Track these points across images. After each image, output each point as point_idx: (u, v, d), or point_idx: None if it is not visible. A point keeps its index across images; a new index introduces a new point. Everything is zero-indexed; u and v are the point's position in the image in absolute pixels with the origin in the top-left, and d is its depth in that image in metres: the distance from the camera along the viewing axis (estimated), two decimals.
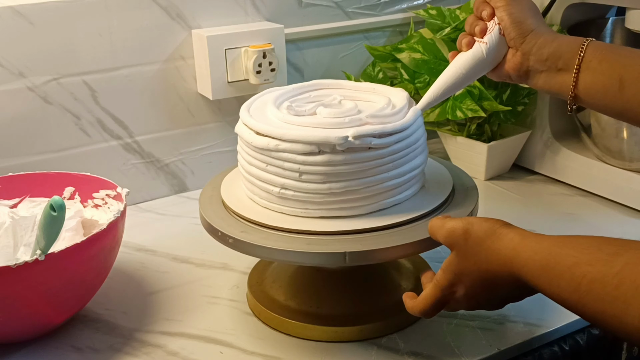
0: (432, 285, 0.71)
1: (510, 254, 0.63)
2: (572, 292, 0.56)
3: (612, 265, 0.53)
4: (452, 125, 1.26)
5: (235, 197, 0.84)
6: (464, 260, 0.67)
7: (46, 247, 0.77)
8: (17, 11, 1.01)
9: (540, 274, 0.60)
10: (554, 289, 0.58)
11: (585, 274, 0.55)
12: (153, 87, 1.15)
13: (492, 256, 0.65)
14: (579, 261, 0.56)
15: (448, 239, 0.69)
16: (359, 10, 1.30)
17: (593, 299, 0.54)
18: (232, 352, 0.81)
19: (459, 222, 0.69)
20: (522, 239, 0.63)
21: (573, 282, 0.56)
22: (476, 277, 0.67)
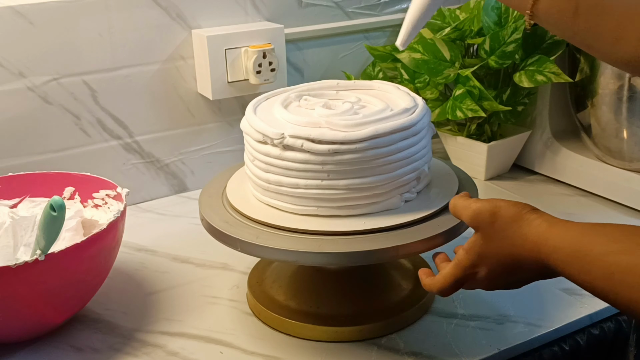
0: (453, 264, 0.71)
1: (538, 240, 0.63)
2: (605, 280, 0.56)
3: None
4: (452, 125, 1.26)
5: (239, 196, 0.85)
6: (489, 242, 0.67)
7: (46, 247, 0.77)
8: (17, 11, 1.01)
9: (570, 261, 0.60)
10: (585, 276, 0.58)
11: (619, 263, 0.55)
12: (153, 87, 1.15)
13: (519, 241, 0.65)
14: (611, 249, 0.56)
15: (474, 220, 0.69)
16: (359, 10, 1.30)
17: (627, 287, 0.54)
18: (232, 352, 0.81)
19: (486, 203, 0.69)
20: (549, 225, 0.63)
21: (605, 270, 0.56)
22: (500, 260, 0.67)
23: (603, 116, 1.13)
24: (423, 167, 0.82)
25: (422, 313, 0.86)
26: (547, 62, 1.13)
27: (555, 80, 1.13)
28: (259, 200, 0.83)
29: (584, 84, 1.14)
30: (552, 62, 1.13)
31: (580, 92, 1.17)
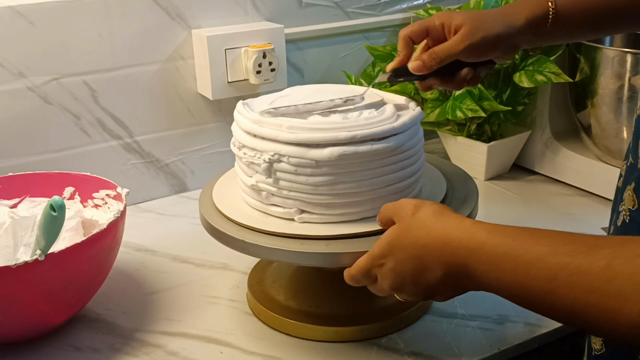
0: (366, 254, 0.68)
1: (461, 234, 0.59)
2: (545, 282, 0.52)
3: (596, 257, 0.49)
4: (452, 125, 1.26)
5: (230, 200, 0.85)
6: (404, 233, 0.64)
7: (46, 247, 0.77)
8: (17, 11, 1.01)
9: (498, 259, 0.55)
10: (515, 278, 0.54)
11: (564, 266, 0.51)
12: (153, 87, 1.15)
13: (436, 231, 0.61)
14: (555, 251, 0.52)
15: (395, 208, 0.67)
16: (359, 10, 1.30)
17: (574, 292, 0.50)
18: (232, 352, 0.81)
19: (413, 199, 0.67)
20: (476, 222, 0.59)
21: (547, 272, 0.52)
22: (409, 253, 0.63)
23: (603, 116, 1.13)
24: (414, 171, 0.80)
25: (422, 313, 0.86)
26: (547, 62, 1.13)
27: (555, 80, 1.13)
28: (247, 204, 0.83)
29: (584, 84, 1.14)
30: (552, 62, 1.13)
31: (580, 92, 1.17)
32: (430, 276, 0.62)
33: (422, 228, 0.63)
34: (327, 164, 0.74)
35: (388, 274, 0.66)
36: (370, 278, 0.69)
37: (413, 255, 0.63)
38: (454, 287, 0.62)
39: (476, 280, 0.58)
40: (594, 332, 0.51)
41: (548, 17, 0.79)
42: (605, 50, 1.09)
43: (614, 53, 1.08)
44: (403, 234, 0.64)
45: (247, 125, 0.78)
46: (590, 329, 0.51)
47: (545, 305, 0.53)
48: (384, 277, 0.66)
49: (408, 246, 0.63)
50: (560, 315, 0.53)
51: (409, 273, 0.63)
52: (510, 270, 0.55)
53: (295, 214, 0.78)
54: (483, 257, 0.57)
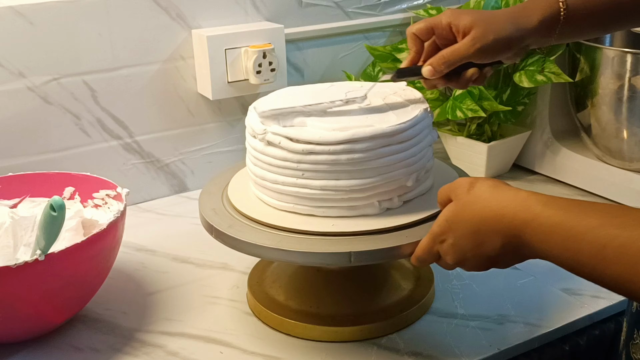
0: (427, 234, 0.70)
1: (517, 205, 0.61)
2: (595, 253, 0.54)
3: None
4: (452, 125, 1.26)
5: (240, 196, 0.85)
6: (462, 209, 0.66)
7: (46, 247, 0.77)
8: (17, 11, 1.01)
9: (551, 230, 0.57)
10: (567, 248, 0.56)
11: (613, 238, 0.52)
12: (153, 87, 1.15)
13: (494, 203, 0.62)
14: (604, 223, 0.54)
15: (451, 187, 0.68)
16: (359, 10, 1.30)
17: (622, 263, 0.52)
18: (232, 352, 0.81)
19: (468, 177, 0.69)
20: (532, 193, 0.61)
21: (595, 243, 0.53)
22: (467, 228, 0.65)
23: (603, 116, 1.13)
24: (407, 177, 0.79)
25: (422, 313, 0.86)
26: (547, 62, 1.13)
27: (555, 80, 1.13)
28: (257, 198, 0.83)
29: (584, 84, 1.14)
30: (552, 62, 1.13)
31: (580, 92, 1.17)
32: (489, 248, 0.64)
33: (478, 203, 0.64)
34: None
35: (449, 249, 0.68)
36: (434, 256, 0.71)
37: (471, 229, 0.65)
38: (513, 255, 0.63)
39: (532, 249, 0.60)
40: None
41: (559, 17, 0.79)
42: (605, 50, 1.09)
43: (614, 53, 1.08)
44: (460, 210, 0.66)
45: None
46: (637, 298, 0.54)
47: (595, 274, 0.55)
48: (446, 253, 0.69)
49: (466, 221, 0.65)
50: (609, 284, 0.54)
51: (469, 247, 0.65)
52: (562, 241, 0.56)
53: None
54: (537, 228, 0.58)
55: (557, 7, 0.79)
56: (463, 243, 0.66)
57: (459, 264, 0.69)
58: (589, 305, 0.88)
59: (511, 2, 1.17)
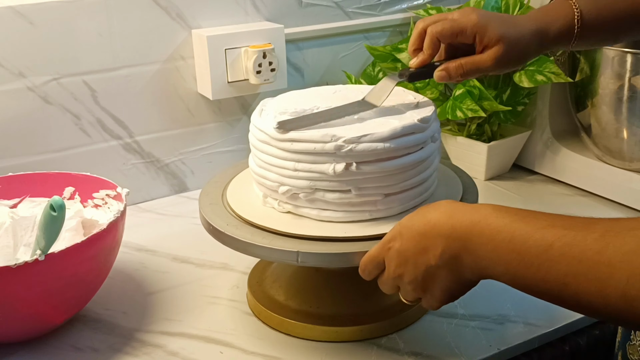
0: (379, 242, 0.69)
1: (467, 209, 0.60)
2: (541, 253, 0.53)
3: (591, 230, 0.51)
4: (452, 125, 1.26)
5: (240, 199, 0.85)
6: (415, 214, 0.65)
7: (46, 247, 0.77)
8: (17, 11, 1.01)
9: (499, 230, 0.57)
10: (513, 249, 0.55)
11: (560, 237, 0.52)
12: (153, 87, 1.15)
13: (447, 209, 0.62)
14: (552, 224, 0.54)
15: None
16: (359, 10, 1.30)
17: (567, 261, 0.51)
18: (232, 352, 0.81)
19: None
20: (485, 204, 0.60)
21: (543, 242, 0.53)
22: (416, 230, 0.64)
23: (603, 116, 1.13)
24: (417, 182, 0.79)
25: (422, 313, 0.86)
26: (547, 62, 1.13)
27: (555, 80, 1.13)
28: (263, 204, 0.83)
29: (584, 84, 1.14)
30: (552, 62, 1.13)
31: (580, 92, 1.17)
32: (431, 254, 0.62)
33: (430, 209, 0.64)
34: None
35: (394, 255, 0.66)
36: (379, 266, 0.69)
37: (418, 232, 0.63)
38: (451, 268, 0.62)
39: (473, 256, 0.59)
40: (585, 308, 0.52)
41: (574, 32, 0.80)
42: (605, 50, 1.09)
43: (614, 53, 1.08)
44: (414, 216, 0.65)
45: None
46: (581, 303, 0.52)
47: (539, 276, 0.54)
48: (390, 260, 0.67)
49: (415, 224, 0.64)
50: (553, 289, 0.53)
51: (412, 252, 0.64)
52: (508, 240, 0.56)
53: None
54: (484, 229, 0.58)
55: (573, 23, 0.80)
56: (408, 247, 0.64)
57: (399, 278, 0.67)
58: None
59: (511, 2, 1.17)
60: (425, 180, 0.81)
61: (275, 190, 0.79)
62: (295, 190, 0.77)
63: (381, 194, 0.77)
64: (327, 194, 0.76)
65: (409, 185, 0.78)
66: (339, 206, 0.77)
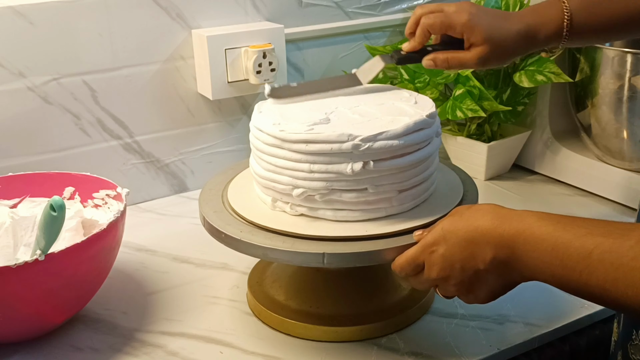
0: (417, 243, 0.71)
1: (512, 216, 0.63)
2: (581, 259, 0.56)
3: (627, 238, 0.54)
4: (452, 125, 1.26)
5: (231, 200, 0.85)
6: (458, 218, 0.67)
7: (46, 247, 0.77)
8: (17, 11, 1.01)
9: (542, 239, 0.59)
10: (556, 256, 0.58)
11: (598, 244, 0.55)
12: (153, 87, 1.15)
13: (491, 215, 0.64)
14: (591, 232, 0.57)
15: (451, 212, 0.70)
16: (359, 10, 1.30)
17: (605, 268, 0.54)
18: (232, 352, 0.81)
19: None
20: (527, 210, 0.63)
21: (583, 250, 0.56)
22: (462, 237, 0.66)
23: (603, 116, 1.13)
24: (416, 180, 0.80)
25: (422, 313, 0.86)
26: (547, 62, 1.13)
27: (555, 80, 1.13)
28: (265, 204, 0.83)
29: (584, 84, 1.14)
30: (552, 62, 1.13)
31: (580, 92, 1.17)
32: (480, 259, 0.64)
33: (475, 214, 0.66)
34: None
35: (438, 259, 0.68)
36: (416, 268, 0.71)
37: (465, 238, 0.65)
38: (500, 273, 0.64)
39: (521, 263, 0.62)
40: (625, 309, 0.56)
41: (563, 34, 0.82)
42: (605, 50, 1.09)
43: (614, 53, 1.08)
44: (457, 220, 0.67)
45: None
46: (620, 305, 0.55)
47: (581, 282, 0.57)
48: (433, 264, 0.68)
49: (461, 230, 0.66)
50: (594, 292, 0.56)
51: (459, 257, 0.66)
52: (551, 248, 0.59)
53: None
54: (529, 237, 0.60)
55: (562, 26, 0.81)
56: (454, 252, 0.66)
57: (443, 279, 0.68)
58: (589, 305, 0.88)
59: (511, 2, 1.17)
60: (432, 175, 0.82)
61: (289, 193, 0.78)
62: (311, 192, 0.77)
63: (396, 190, 0.78)
64: (344, 193, 0.76)
65: (419, 181, 0.80)
66: (355, 205, 0.77)
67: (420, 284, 0.72)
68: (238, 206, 0.83)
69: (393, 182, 0.77)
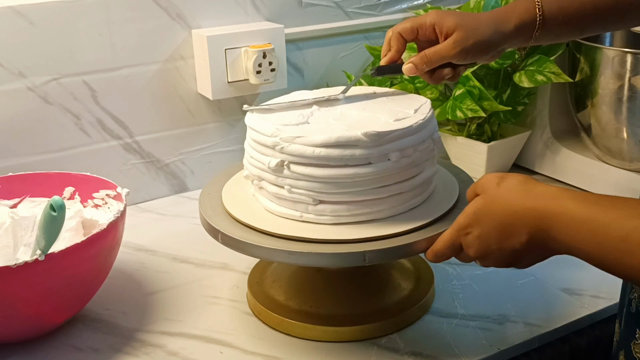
0: (451, 226, 0.71)
1: (547, 197, 0.62)
2: (620, 242, 0.56)
3: None
4: (452, 125, 1.26)
5: (231, 200, 0.85)
6: (491, 202, 0.67)
7: (46, 247, 0.77)
8: (17, 11, 1.01)
9: (579, 222, 0.59)
10: (593, 240, 0.58)
11: (635, 227, 0.56)
12: (153, 87, 1.15)
13: (524, 197, 0.64)
14: (628, 214, 0.57)
15: (479, 182, 0.69)
16: (359, 10, 1.30)
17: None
18: (232, 352, 0.81)
19: (496, 173, 0.70)
20: (561, 188, 0.63)
21: (621, 232, 0.56)
22: (496, 220, 0.66)
23: (603, 116, 1.13)
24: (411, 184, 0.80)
25: (422, 313, 0.86)
26: (547, 62, 1.13)
27: (555, 80, 1.13)
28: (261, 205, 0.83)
29: (584, 84, 1.14)
30: (552, 62, 1.13)
31: (580, 92, 1.17)
32: (516, 241, 0.64)
33: (508, 196, 0.65)
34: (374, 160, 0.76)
35: (474, 242, 0.68)
36: (455, 249, 0.72)
37: (500, 221, 0.65)
38: (538, 251, 0.65)
39: (558, 244, 0.62)
40: None
41: (536, 23, 0.82)
42: (605, 50, 1.09)
43: (614, 53, 1.08)
44: (490, 203, 0.67)
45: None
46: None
47: (619, 264, 0.57)
48: (470, 246, 0.69)
49: (494, 213, 0.66)
50: (633, 273, 0.57)
51: (495, 240, 0.66)
52: (588, 232, 0.59)
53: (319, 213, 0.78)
54: (566, 221, 0.60)
55: (534, 14, 0.81)
56: (490, 235, 0.67)
57: (481, 258, 0.70)
58: (589, 305, 0.88)
59: (511, 1, 1.17)
60: (371, 199, 0.78)
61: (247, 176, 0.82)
62: (251, 176, 0.81)
63: (312, 198, 0.77)
64: (269, 185, 0.79)
65: (349, 198, 0.77)
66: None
67: (462, 260, 0.73)
68: (232, 208, 0.83)
69: (309, 190, 0.77)
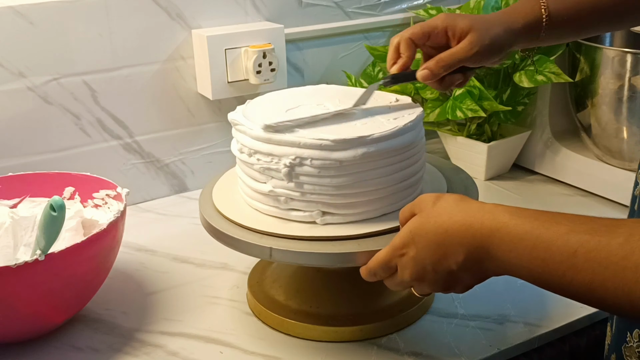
0: (387, 246, 0.68)
1: (483, 214, 0.60)
2: (565, 259, 0.53)
3: (614, 235, 0.51)
4: (452, 125, 1.26)
5: (231, 201, 0.85)
6: (426, 220, 0.64)
7: (46, 247, 0.77)
8: (17, 11, 1.01)
9: (520, 238, 0.56)
10: (536, 256, 0.55)
11: (583, 243, 0.52)
12: (153, 87, 1.15)
13: (460, 215, 0.61)
14: (574, 229, 0.53)
15: (414, 203, 0.67)
16: (359, 10, 1.30)
17: (592, 267, 0.51)
18: (232, 352, 0.81)
19: (431, 193, 0.68)
20: (497, 205, 0.60)
21: (567, 248, 0.53)
22: (431, 239, 0.63)
23: (603, 116, 1.13)
24: (402, 185, 0.80)
25: (422, 313, 0.86)
26: (547, 62, 1.13)
27: (555, 80, 1.13)
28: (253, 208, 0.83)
29: (584, 84, 1.14)
30: (552, 62, 1.13)
31: (580, 92, 1.17)
32: (452, 261, 0.62)
33: (443, 214, 0.63)
34: (350, 164, 0.74)
35: (409, 263, 0.66)
36: (389, 270, 0.69)
37: (435, 241, 0.63)
38: (474, 271, 0.62)
39: (497, 261, 0.59)
40: (612, 309, 0.53)
41: (542, 23, 0.81)
42: (605, 50, 1.10)
43: (614, 53, 1.08)
44: (425, 222, 0.64)
45: (259, 132, 0.77)
46: (608, 305, 0.52)
47: (565, 282, 0.54)
48: (405, 267, 0.66)
49: (430, 232, 0.63)
50: (579, 292, 0.53)
51: (430, 260, 0.64)
52: (530, 247, 0.55)
53: (317, 216, 0.77)
54: (505, 237, 0.57)
55: (540, 14, 0.81)
56: (425, 255, 0.64)
57: (416, 280, 0.66)
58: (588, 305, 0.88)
59: (511, 2, 1.17)
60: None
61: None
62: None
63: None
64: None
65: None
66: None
67: (395, 286, 0.70)
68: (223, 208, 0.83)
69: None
